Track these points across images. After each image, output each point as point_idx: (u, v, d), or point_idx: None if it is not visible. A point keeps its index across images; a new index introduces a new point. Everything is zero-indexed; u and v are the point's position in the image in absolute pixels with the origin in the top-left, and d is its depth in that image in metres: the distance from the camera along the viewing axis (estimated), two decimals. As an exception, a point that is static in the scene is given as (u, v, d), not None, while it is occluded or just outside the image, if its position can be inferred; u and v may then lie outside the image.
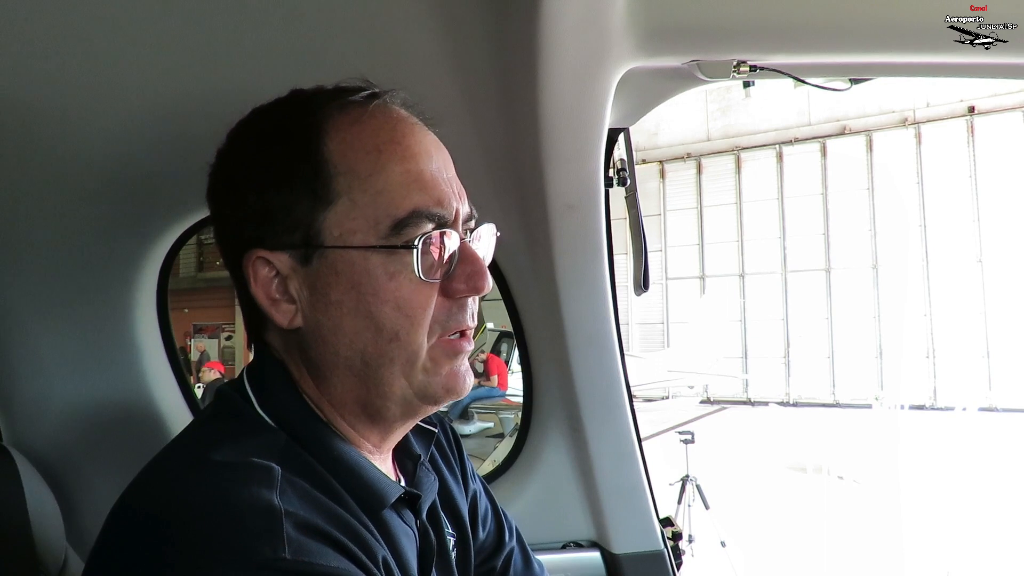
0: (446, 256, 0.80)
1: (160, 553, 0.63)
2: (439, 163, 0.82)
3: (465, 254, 0.81)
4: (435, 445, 1.02)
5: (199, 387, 10.86)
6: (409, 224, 0.77)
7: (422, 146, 0.81)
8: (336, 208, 0.78)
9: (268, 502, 0.66)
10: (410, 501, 0.86)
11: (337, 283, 0.78)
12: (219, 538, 0.62)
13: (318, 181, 0.78)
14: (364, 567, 0.68)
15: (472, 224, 0.86)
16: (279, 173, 0.79)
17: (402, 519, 0.83)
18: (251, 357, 0.88)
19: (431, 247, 0.79)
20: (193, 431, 0.82)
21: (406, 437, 0.95)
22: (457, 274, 0.80)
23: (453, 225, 0.81)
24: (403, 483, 0.90)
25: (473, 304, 0.83)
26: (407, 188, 0.78)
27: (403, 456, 0.95)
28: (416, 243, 0.77)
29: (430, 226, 0.78)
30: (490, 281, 0.82)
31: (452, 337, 0.82)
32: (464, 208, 0.84)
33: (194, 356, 22.07)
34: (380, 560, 0.72)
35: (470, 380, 0.84)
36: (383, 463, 0.88)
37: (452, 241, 0.80)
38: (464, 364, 0.83)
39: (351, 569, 0.66)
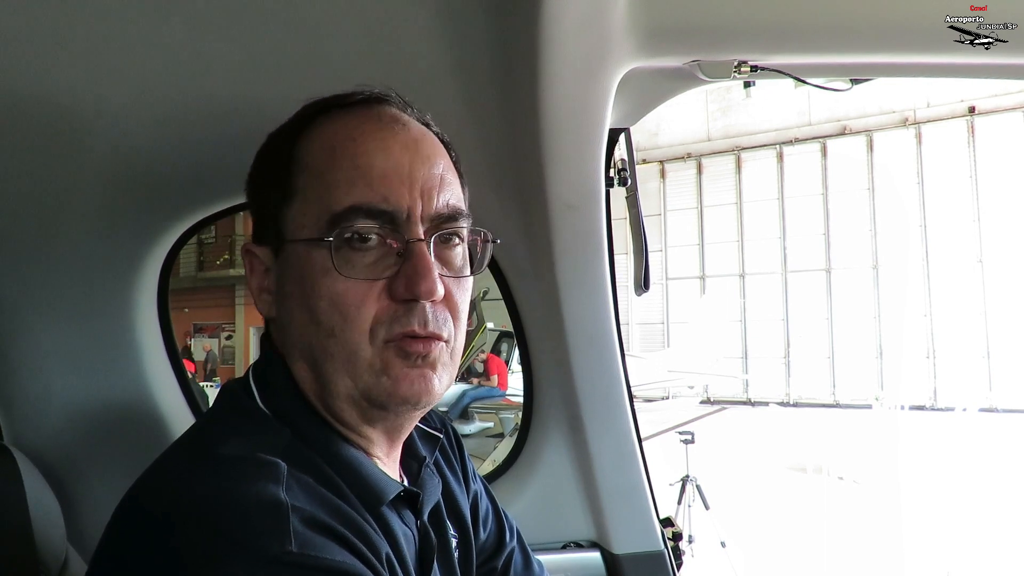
0: (388, 255, 0.78)
1: (168, 547, 0.63)
2: (403, 160, 0.79)
3: (412, 255, 0.77)
4: (439, 450, 1.02)
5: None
6: (345, 219, 0.76)
7: (383, 143, 0.80)
8: (294, 203, 0.80)
9: (275, 497, 0.66)
10: (410, 501, 0.86)
11: (290, 276, 0.80)
12: (226, 532, 0.63)
13: (284, 178, 0.81)
14: (368, 562, 0.68)
15: (459, 226, 0.83)
16: (264, 172, 0.85)
17: (401, 519, 0.83)
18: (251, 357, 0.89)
19: (368, 244, 0.77)
20: (199, 428, 0.83)
21: (412, 439, 0.95)
22: (400, 274, 0.77)
23: (407, 224, 0.78)
24: (405, 483, 0.90)
25: (431, 308, 0.78)
26: (352, 184, 0.77)
27: (408, 458, 0.95)
28: (348, 238, 0.76)
29: (370, 223, 0.77)
30: (434, 287, 0.76)
31: (405, 340, 0.78)
32: (433, 208, 0.80)
33: (199, 356, 22.01)
34: (383, 556, 0.72)
35: (427, 386, 0.79)
36: (387, 464, 0.87)
37: (398, 240, 0.78)
38: (420, 369, 0.78)
39: (355, 564, 0.66)
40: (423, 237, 0.78)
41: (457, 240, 0.83)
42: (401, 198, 0.78)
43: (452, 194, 0.82)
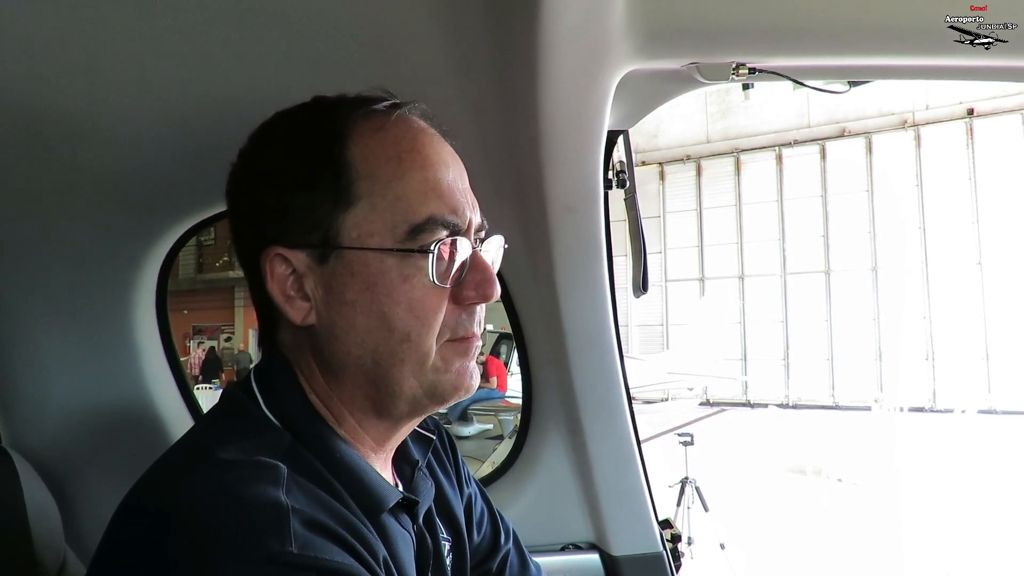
0: (457, 263, 0.83)
1: (168, 547, 0.64)
2: (455, 174, 0.85)
3: (476, 262, 0.84)
4: (432, 452, 1.04)
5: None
6: (425, 230, 0.80)
7: (440, 156, 0.84)
8: (355, 210, 0.80)
9: (275, 498, 0.67)
10: (407, 506, 0.87)
11: (353, 283, 0.80)
12: (226, 532, 0.63)
13: (340, 183, 0.80)
14: (367, 565, 0.69)
15: (483, 235, 0.89)
16: (302, 174, 0.81)
17: (399, 523, 0.84)
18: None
19: (444, 253, 0.81)
20: (200, 430, 0.84)
21: (405, 442, 0.96)
22: (467, 281, 0.83)
23: (466, 234, 0.83)
24: (400, 488, 0.91)
25: (480, 311, 0.86)
26: (425, 195, 0.80)
27: (401, 462, 0.97)
28: (432, 248, 0.80)
29: (444, 233, 0.81)
30: (498, 290, 0.84)
31: (461, 340, 0.84)
32: (476, 218, 0.86)
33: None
34: (381, 559, 0.73)
35: (477, 378, 0.86)
36: (384, 467, 0.89)
37: (464, 249, 0.83)
38: (472, 363, 0.86)
39: (355, 566, 0.67)
40: (476, 246, 0.85)
41: (483, 248, 0.90)
42: (464, 210, 0.83)
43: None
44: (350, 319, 0.80)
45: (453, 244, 0.82)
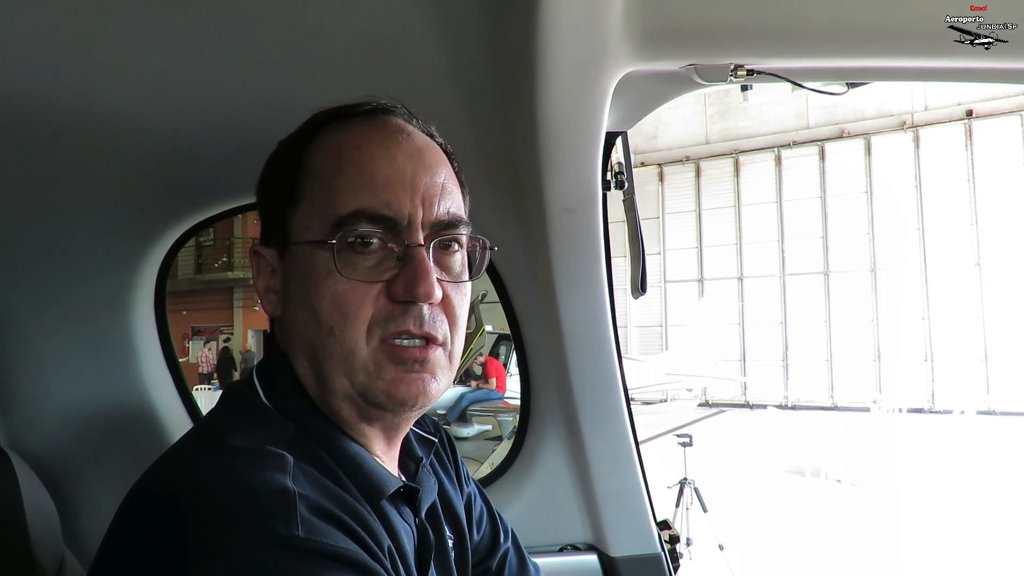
0: (391, 259, 0.81)
1: (179, 531, 0.65)
2: (407, 168, 0.82)
3: (411, 258, 0.80)
4: (433, 452, 1.05)
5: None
6: (348, 223, 0.79)
7: (388, 151, 0.83)
8: (300, 207, 0.83)
9: (282, 485, 0.68)
10: (409, 498, 0.88)
11: (295, 277, 0.83)
12: (235, 516, 0.65)
13: (291, 183, 0.84)
14: (370, 551, 0.70)
15: (458, 233, 0.86)
16: (273, 177, 0.88)
17: (401, 515, 0.85)
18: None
19: (370, 248, 0.80)
20: (208, 421, 0.85)
21: (409, 441, 0.97)
22: (400, 277, 0.80)
23: (408, 229, 0.81)
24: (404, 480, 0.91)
25: (428, 310, 0.81)
26: (356, 190, 0.80)
27: (405, 457, 0.97)
28: (351, 241, 0.79)
29: (372, 227, 0.80)
30: (431, 290, 0.80)
31: (397, 342, 0.80)
32: (434, 215, 0.83)
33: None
34: (385, 548, 0.74)
35: (424, 388, 0.82)
36: (389, 464, 0.89)
37: (399, 244, 0.81)
38: (416, 372, 0.81)
39: (359, 552, 0.68)
40: (423, 242, 0.81)
41: (456, 246, 0.87)
42: (403, 204, 0.81)
43: (452, 202, 0.86)
44: (293, 311, 0.84)
45: (384, 238, 0.80)
